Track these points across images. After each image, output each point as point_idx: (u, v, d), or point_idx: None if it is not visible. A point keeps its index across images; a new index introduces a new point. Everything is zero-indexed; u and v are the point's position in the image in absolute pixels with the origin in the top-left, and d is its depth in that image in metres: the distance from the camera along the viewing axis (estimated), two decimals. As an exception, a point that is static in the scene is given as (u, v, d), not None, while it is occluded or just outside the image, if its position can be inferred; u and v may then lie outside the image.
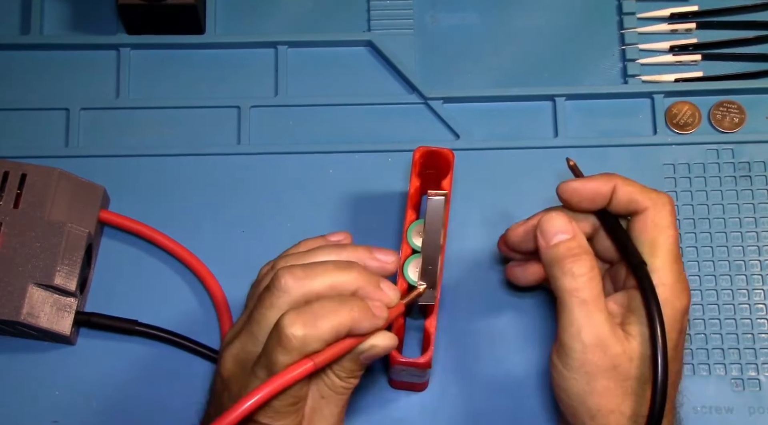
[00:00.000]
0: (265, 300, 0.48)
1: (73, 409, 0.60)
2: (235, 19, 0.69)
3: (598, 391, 0.50)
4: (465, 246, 0.63)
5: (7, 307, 0.58)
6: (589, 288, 0.51)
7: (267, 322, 0.48)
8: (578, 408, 0.51)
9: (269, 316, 0.48)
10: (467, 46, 0.68)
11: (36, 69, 0.68)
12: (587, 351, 0.50)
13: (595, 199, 0.54)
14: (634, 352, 0.50)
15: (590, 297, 0.50)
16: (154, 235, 0.63)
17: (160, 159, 0.65)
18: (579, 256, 0.51)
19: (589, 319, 0.50)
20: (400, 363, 0.54)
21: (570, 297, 0.51)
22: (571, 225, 0.52)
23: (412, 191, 0.58)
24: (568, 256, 0.51)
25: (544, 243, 0.52)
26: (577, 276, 0.51)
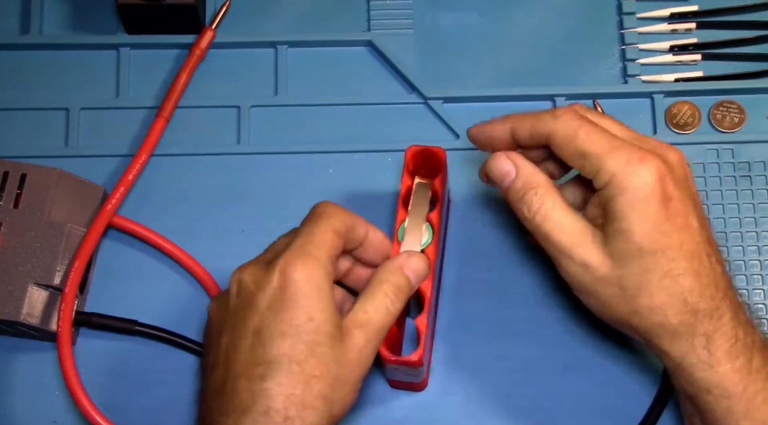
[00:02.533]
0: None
1: (73, 409, 0.60)
2: (235, 19, 0.68)
3: (606, 301, 0.51)
4: (466, 245, 0.63)
5: (7, 307, 0.58)
6: (547, 220, 0.51)
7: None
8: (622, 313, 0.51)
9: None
10: (467, 46, 0.68)
11: (36, 69, 0.68)
12: (580, 270, 0.51)
13: (500, 141, 0.54)
14: (613, 251, 0.50)
15: (552, 226, 0.51)
16: (152, 237, 0.63)
17: (160, 159, 0.65)
18: (525, 196, 0.52)
19: (559, 246, 0.51)
20: (391, 361, 0.54)
21: (540, 234, 0.52)
22: (511, 162, 0.53)
23: (403, 191, 0.58)
24: (517, 200, 0.52)
25: (501, 190, 0.53)
26: (532, 215, 0.51)
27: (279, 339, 0.48)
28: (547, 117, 0.51)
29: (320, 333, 0.48)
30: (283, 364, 0.47)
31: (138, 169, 0.63)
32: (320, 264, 0.49)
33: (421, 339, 0.55)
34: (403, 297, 0.52)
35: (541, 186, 0.52)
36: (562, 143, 0.51)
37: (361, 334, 0.50)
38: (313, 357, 0.48)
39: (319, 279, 0.49)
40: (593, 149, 0.50)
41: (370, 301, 0.51)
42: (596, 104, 0.65)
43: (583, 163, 0.50)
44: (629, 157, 0.49)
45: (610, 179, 0.49)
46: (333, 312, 0.49)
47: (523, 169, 0.52)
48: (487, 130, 0.54)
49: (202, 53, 0.67)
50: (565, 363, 0.61)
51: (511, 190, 0.52)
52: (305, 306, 0.48)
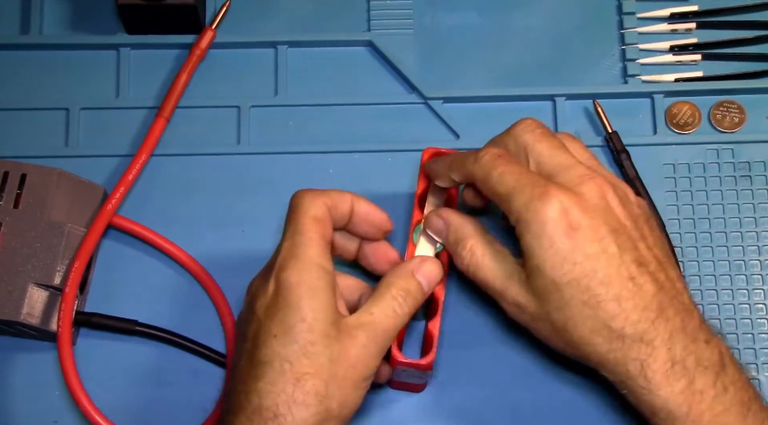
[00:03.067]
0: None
1: (73, 409, 0.60)
2: (235, 19, 0.68)
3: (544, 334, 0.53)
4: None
5: (7, 307, 0.58)
6: (479, 269, 0.54)
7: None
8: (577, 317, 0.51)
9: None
10: (467, 46, 0.68)
11: (36, 69, 0.68)
12: (515, 310, 0.53)
13: (448, 183, 0.57)
14: (531, 286, 0.51)
15: (484, 274, 0.54)
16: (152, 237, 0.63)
17: (160, 159, 0.65)
18: (456, 249, 0.55)
19: (499, 287, 0.53)
20: (401, 363, 0.54)
21: (476, 281, 0.55)
22: (441, 220, 0.56)
23: (419, 192, 0.58)
24: (452, 253, 0.55)
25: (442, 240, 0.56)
26: (465, 267, 0.54)
27: (272, 341, 0.49)
28: (470, 160, 0.53)
29: (313, 332, 0.49)
30: (275, 364, 0.48)
31: (138, 169, 0.63)
32: (311, 262, 0.50)
33: (432, 343, 0.55)
34: (412, 301, 0.53)
35: (469, 238, 0.54)
36: (482, 187, 0.53)
37: (363, 334, 0.50)
38: (306, 357, 0.48)
39: (312, 279, 0.50)
40: (501, 190, 0.51)
41: (377, 303, 0.51)
42: (596, 104, 0.65)
43: (499, 204, 0.52)
44: (531, 194, 0.50)
45: (517, 218, 0.51)
46: (328, 311, 0.49)
47: (452, 224, 0.55)
48: (434, 175, 0.57)
49: (202, 53, 0.67)
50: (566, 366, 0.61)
51: (447, 244, 0.56)
52: (297, 307, 0.49)
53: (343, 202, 0.54)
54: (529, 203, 0.50)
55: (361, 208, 0.55)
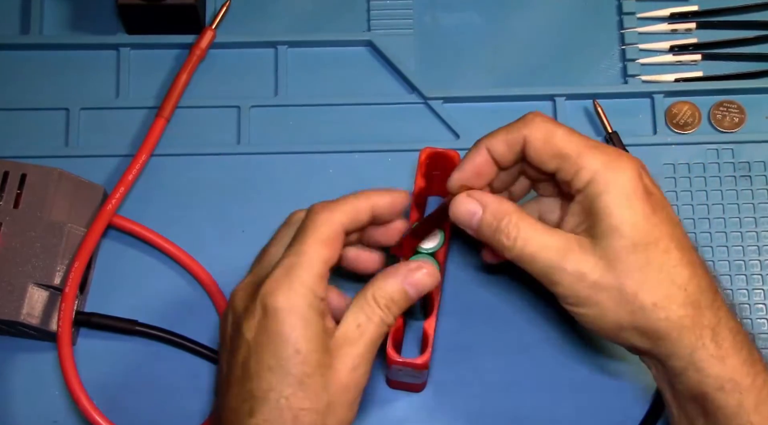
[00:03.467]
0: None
1: (73, 409, 0.60)
2: (235, 19, 0.68)
3: (605, 308, 0.49)
4: (466, 245, 0.63)
5: (7, 307, 0.58)
6: (528, 242, 0.50)
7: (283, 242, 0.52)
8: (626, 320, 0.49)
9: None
10: (467, 46, 0.68)
11: (36, 69, 0.68)
12: (574, 280, 0.49)
13: (483, 170, 0.52)
14: (605, 251, 0.49)
15: (533, 248, 0.50)
16: (152, 237, 0.63)
17: (160, 159, 0.65)
18: (499, 226, 0.50)
19: (548, 263, 0.49)
20: (397, 363, 0.54)
21: (525, 258, 0.50)
22: (474, 200, 0.51)
23: (416, 192, 0.58)
24: (492, 233, 0.51)
25: (471, 231, 0.52)
26: (512, 242, 0.50)
27: (266, 374, 0.47)
28: (518, 124, 0.51)
29: (308, 364, 0.47)
30: (270, 400, 0.47)
31: (138, 169, 0.63)
32: (304, 288, 0.48)
33: (428, 342, 0.55)
34: (396, 310, 0.51)
35: (512, 212, 0.50)
36: (539, 145, 0.50)
37: (352, 352, 0.48)
38: (302, 390, 0.47)
39: (303, 306, 0.47)
40: (571, 149, 0.49)
41: (363, 313, 0.49)
42: (596, 104, 0.65)
43: (562, 164, 0.50)
44: (607, 155, 0.49)
45: (591, 177, 0.49)
46: (320, 339, 0.48)
47: (489, 202, 0.51)
48: (467, 166, 0.52)
49: (202, 53, 0.67)
50: (565, 366, 0.61)
51: (482, 225, 0.51)
52: (290, 337, 0.47)
53: (361, 212, 0.51)
54: (609, 162, 0.48)
55: (383, 205, 0.52)
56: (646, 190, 0.49)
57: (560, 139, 0.50)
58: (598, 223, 0.49)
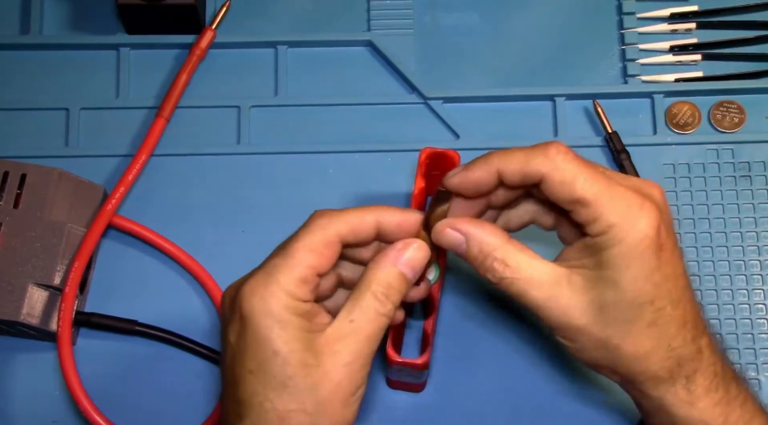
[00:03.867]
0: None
1: (73, 409, 0.60)
2: (235, 19, 0.68)
3: (587, 347, 0.49)
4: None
5: (7, 307, 0.58)
6: (515, 281, 0.48)
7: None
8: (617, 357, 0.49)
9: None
10: (467, 46, 0.68)
11: (36, 69, 0.68)
12: (560, 318, 0.48)
13: (485, 185, 0.49)
14: (598, 298, 0.47)
15: (523, 285, 0.48)
16: (152, 237, 0.63)
17: (160, 159, 0.65)
18: (484, 263, 0.48)
19: (536, 302, 0.48)
20: (397, 363, 0.54)
21: (513, 295, 0.49)
22: (457, 233, 0.49)
23: (416, 192, 0.58)
24: (478, 267, 0.49)
25: (463, 254, 0.49)
26: (498, 280, 0.48)
27: (249, 377, 0.46)
28: (539, 157, 0.47)
29: (289, 365, 0.46)
30: (255, 404, 0.46)
31: (138, 169, 0.63)
32: (281, 290, 0.46)
33: (428, 342, 0.55)
34: (396, 296, 0.48)
35: (498, 248, 0.48)
36: (557, 188, 0.47)
37: (344, 350, 0.47)
38: (286, 392, 0.46)
39: (278, 308, 0.46)
40: (592, 195, 0.47)
41: (358, 305, 0.47)
42: (596, 104, 0.65)
43: (579, 210, 0.47)
44: (629, 206, 0.46)
45: (607, 230, 0.46)
46: (301, 339, 0.46)
47: (473, 236, 0.49)
48: (471, 176, 0.49)
49: (202, 53, 0.67)
50: (564, 366, 0.61)
51: (468, 258, 0.49)
52: (267, 340, 0.46)
53: (364, 225, 0.49)
54: (628, 215, 0.46)
55: (390, 222, 0.49)
56: (659, 245, 0.47)
57: (581, 186, 0.47)
58: (599, 270, 0.47)
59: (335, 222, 0.48)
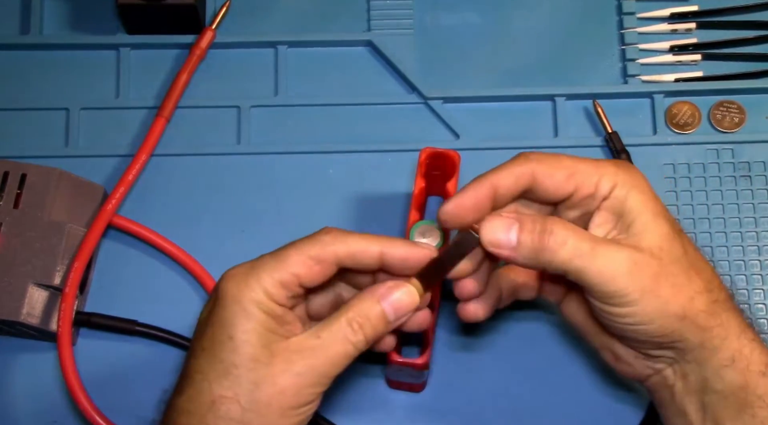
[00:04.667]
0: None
1: (73, 409, 0.60)
2: (235, 19, 0.68)
3: (668, 297, 0.48)
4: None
5: (7, 307, 0.58)
6: (579, 243, 0.47)
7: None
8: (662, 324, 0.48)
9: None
10: (467, 46, 0.68)
11: (36, 69, 0.68)
12: (635, 271, 0.47)
13: (481, 208, 0.49)
14: (653, 243, 0.48)
15: (590, 243, 0.48)
16: (152, 237, 0.63)
17: (160, 159, 0.65)
18: (544, 230, 0.48)
19: (609, 257, 0.47)
20: (397, 362, 0.54)
21: (585, 258, 0.48)
22: (507, 217, 0.48)
23: (416, 192, 0.58)
24: (536, 243, 0.48)
25: (507, 251, 0.48)
26: (562, 241, 0.47)
27: (200, 354, 0.47)
28: (519, 160, 0.49)
29: (239, 354, 0.46)
30: (195, 381, 0.47)
31: (138, 169, 0.63)
32: (259, 285, 0.47)
33: (428, 342, 0.55)
34: (370, 331, 0.48)
35: (549, 216, 0.49)
36: (550, 173, 0.49)
37: (301, 361, 0.46)
38: (227, 378, 0.46)
39: (250, 300, 0.46)
40: (583, 165, 0.49)
41: (329, 326, 0.47)
42: (596, 104, 0.65)
43: (581, 180, 0.49)
44: (615, 163, 0.50)
45: (616, 181, 0.49)
46: (260, 334, 0.46)
47: (520, 216, 0.48)
48: (469, 196, 0.49)
49: (202, 53, 0.67)
50: (565, 366, 0.61)
51: (522, 238, 0.48)
52: (228, 324, 0.46)
53: (366, 251, 0.48)
54: (621, 167, 0.50)
55: (395, 255, 0.48)
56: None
57: (569, 160, 0.49)
58: (638, 217, 0.48)
59: (337, 243, 0.48)
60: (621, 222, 0.49)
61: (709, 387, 0.50)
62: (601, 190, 0.49)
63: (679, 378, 0.51)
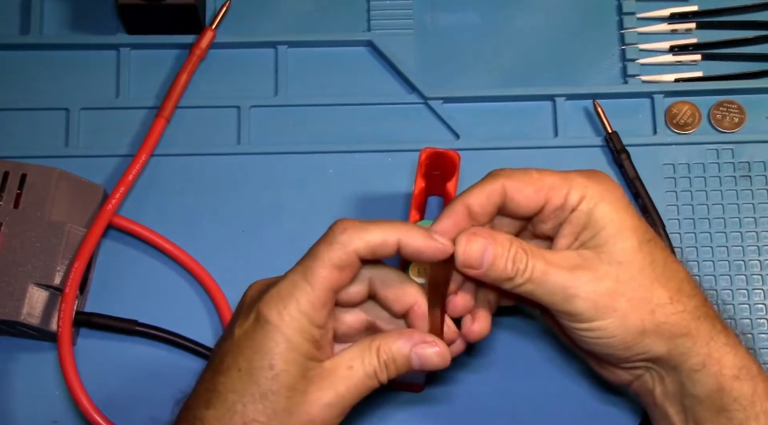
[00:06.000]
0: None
1: (73, 409, 0.60)
2: (235, 19, 0.68)
3: (626, 312, 0.48)
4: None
5: (7, 307, 0.58)
6: (535, 266, 0.48)
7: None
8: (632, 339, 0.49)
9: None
10: (467, 46, 0.68)
11: (36, 69, 0.68)
12: (591, 290, 0.48)
13: (462, 229, 0.50)
14: (613, 257, 0.49)
15: (543, 266, 0.49)
16: (152, 237, 0.63)
17: (160, 159, 0.65)
18: (508, 257, 0.49)
19: (562, 278, 0.48)
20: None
21: (537, 282, 0.49)
22: (484, 237, 0.49)
23: (416, 192, 0.58)
24: (504, 265, 0.49)
25: (479, 271, 0.49)
26: (524, 267, 0.48)
27: (235, 374, 0.47)
28: (488, 179, 0.50)
29: (277, 382, 0.46)
30: (228, 400, 0.47)
31: (138, 169, 0.63)
32: (300, 313, 0.47)
33: None
34: (395, 373, 0.49)
35: (514, 239, 0.49)
36: (521, 186, 0.50)
37: (332, 389, 0.47)
38: (262, 403, 0.46)
39: (293, 329, 0.46)
40: (553, 178, 0.50)
41: (360, 358, 0.48)
42: (596, 104, 0.65)
43: (550, 193, 0.49)
44: (587, 174, 0.50)
45: (584, 193, 0.49)
46: (300, 364, 0.47)
47: (492, 234, 0.49)
48: (446, 221, 0.50)
49: (202, 53, 0.67)
50: (565, 366, 0.61)
51: (495, 260, 0.48)
52: (269, 352, 0.46)
53: (385, 244, 0.48)
54: (592, 178, 0.50)
55: (410, 245, 0.48)
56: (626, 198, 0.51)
57: (538, 174, 0.50)
58: (601, 230, 0.49)
59: (355, 241, 0.48)
60: (585, 234, 0.50)
61: (685, 391, 0.50)
62: (570, 201, 0.50)
63: (657, 383, 0.51)
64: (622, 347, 0.49)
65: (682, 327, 0.49)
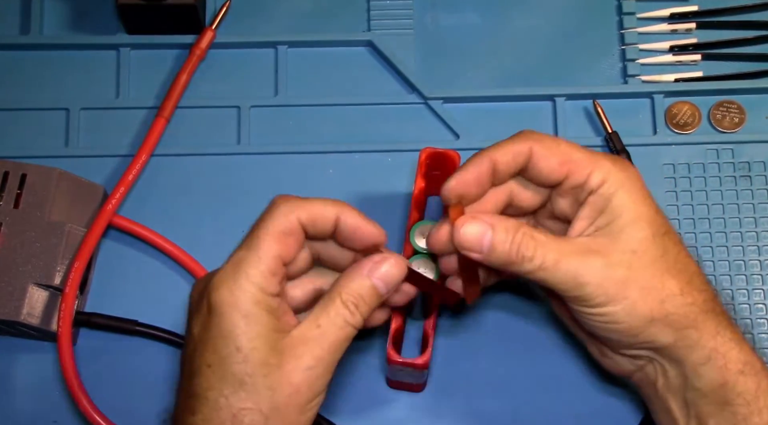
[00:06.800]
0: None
1: (73, 409, 0.60)
2: (235, 19, 0.68)
3: (636, 300, 0.48)
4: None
5: (7, 307, 0.58)
6: (547, 252, 0.48)
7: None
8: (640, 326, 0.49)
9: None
10: (467, 46, 0.68)
11: (36, 69, 0.68)
12: (602, 278, 0.48)
13: (484, 183, 0.51)
14: (627, 246, 0.49)
15: (555, 255, 0.48)
16: (152, 237, 0.63)
17: (160, 159, 0.65)
18: (514, 241, 0.48)
19: (574, 266, 0.48)
20: (397, 363, 0.54)
21: (548, 268, 0.49)
22: (481, 221, 0.49)
23: (416, 192, 0.58)
24: (508, 250, 0.48)
25: (480, 255, 0.49)
26: (532, 253, 0.48)
27: (207, 371, 0.46)
28: (519, 137, 0.50)
29: (249, 363, 0.45)
30: (210, 397, 0.46)
31: (138, 169, 0.63)
32: (250, 283, 0.46)
33: (428, 342, 0.55)
34: (365, 308, 0.48)
35: (523, 224, 0.49)
36: (547, 153, 0.50)
37: (308, 354, 0.46)
38: (243, 389, 0.45)
39: (248, 303, 0.46)
40: (580, 153, 0.50)
41: (326, 312, 0.47)
42: (596, 104, 0.65)
43: (573, 168, 0.50)
44: (612, 159, 0.50)
45: (606, 177, 0.49)
46: (266, 337, 0.46)
47: (496, 220, 0.49)
48: (469, 173, 0.50)
49: (202, 53, 0.67)
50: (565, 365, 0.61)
51: (495, 245, 0.48)
52: (231, 335, 0.45)
53: (324, 216, 0.49)
54: (616, 163, 0.50)
55: (348, 222, 0.49)
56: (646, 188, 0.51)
57: (567, 146, 0.50)
58: (618, 218, 0.49)
59: (297, 210, 0.48)
60: (601, 220, 0.50)
61: (689, 385, 0.50)
62: (591, 182, 0.50)
63: (660, 375, 0.51)
64: (629, 333, 0.49)
65: (690, 319, 0.49)
